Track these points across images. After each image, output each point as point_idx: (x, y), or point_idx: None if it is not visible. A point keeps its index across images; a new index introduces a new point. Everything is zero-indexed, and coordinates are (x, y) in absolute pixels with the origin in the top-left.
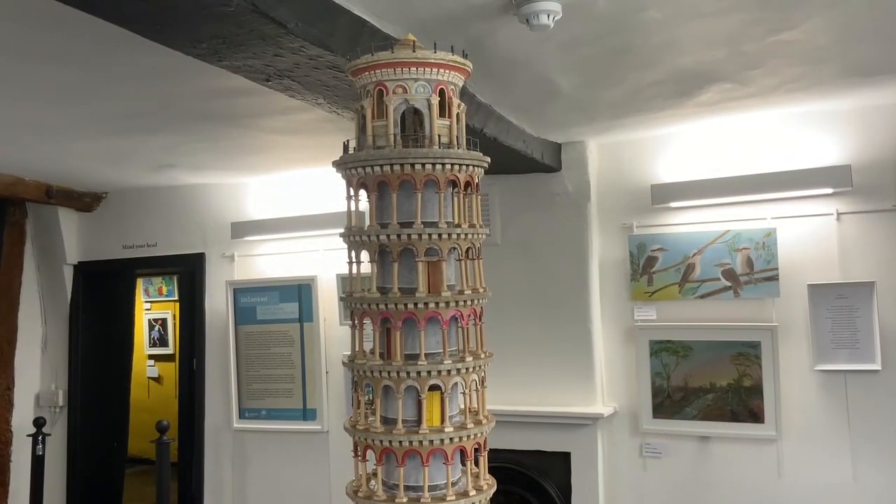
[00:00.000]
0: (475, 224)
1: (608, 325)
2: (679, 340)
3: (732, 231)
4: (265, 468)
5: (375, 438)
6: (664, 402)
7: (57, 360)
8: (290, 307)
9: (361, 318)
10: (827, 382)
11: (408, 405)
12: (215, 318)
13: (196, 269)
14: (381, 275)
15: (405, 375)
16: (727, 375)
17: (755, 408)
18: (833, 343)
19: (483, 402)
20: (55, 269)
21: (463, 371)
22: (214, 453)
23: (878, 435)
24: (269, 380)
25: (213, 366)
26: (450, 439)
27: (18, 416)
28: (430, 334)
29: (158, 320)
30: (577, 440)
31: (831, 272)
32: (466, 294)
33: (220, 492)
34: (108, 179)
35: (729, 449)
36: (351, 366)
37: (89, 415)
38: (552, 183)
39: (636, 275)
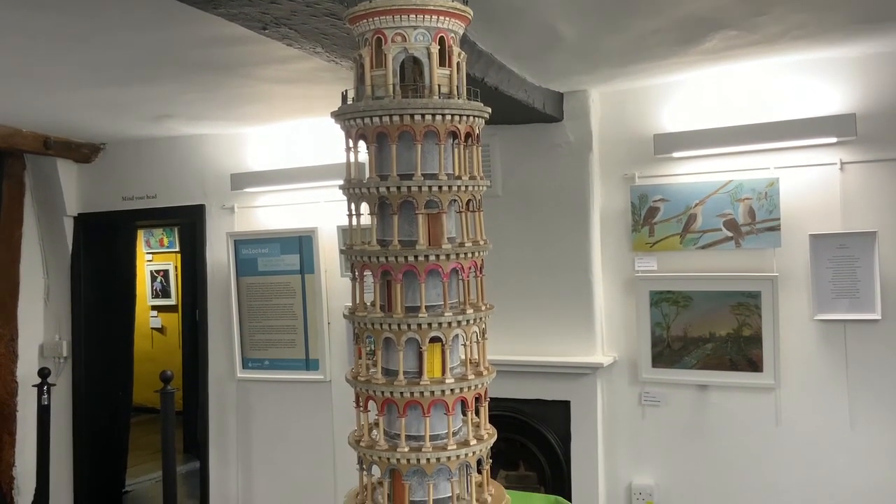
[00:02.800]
0: (476, 176)
1: (609, 276)
2: (679, 291)
3: (735, 181)
4: (269, 417)
5: (377, 390)
6: (663, 352)
7: (60, 312)
8: (291, 259)
9: (362, 271)
10: (826, 332)
11: (409, 357)
12: (216, 270)
13: (196, 220)
14: (381, 227)
15: (406, 328)
16: (727, 325)
17: (754, 357)
18: (833, 293)
19: (484, 354)
20: (55, 220)
21: (463, 323)
22: (218, 403)
23: (875, 384)
24: (272, 330)
25: (215, 317)
26: (450, 390)
27: (23, 367)
28: (431, 287)
29: (160, 272)
30: (576, 389)
31: (833, 222)
32: (467, 246)
33: (225, 440)
34: (106, 130)
35: (727, 397)
36: (352, 318)
37: (93, 365)
38: (554, 133)
39: (637, 226)
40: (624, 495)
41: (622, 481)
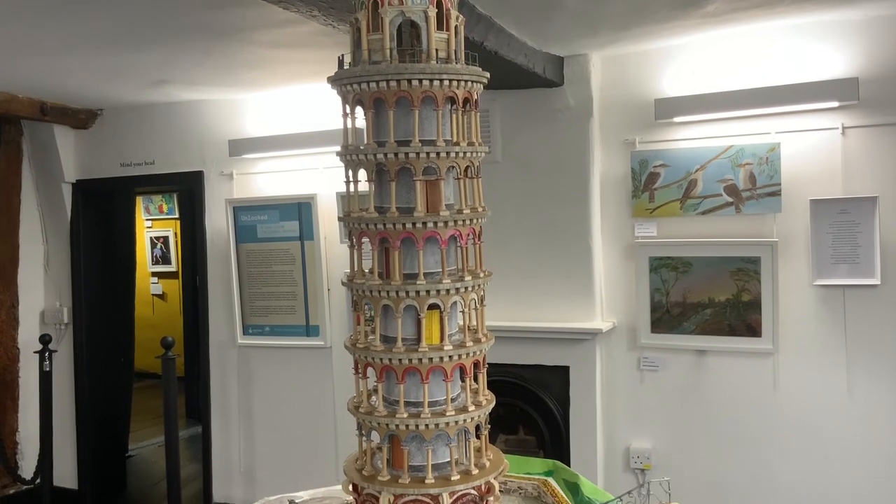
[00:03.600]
0: (474, 142)
1: (608, 242)
2: (679, 257)
3: (736, 146)
4: (270, 383)
5: (375, 356)
6: (662, 317)
7: (60, 278)
8: (291, 225)
9: (360, 238)
10: (825, 297)
11: (407, 324)
12: (216, 237)
13: (195, 187)
14: (378, 194)
15: (404, 295)
16: (726, 291)
17: (753, 322)
18: (833, 258)
19: (482, 321)
20: (53, 187)
21: (462, 290)
22: (220, 368)
23: (874, 349)
24: (272, 297)
25: (215, 283)
26: (449, 357)
27: (24, 334)
28: (429, 254)
29: (160, 238)
30: (575, 355)
31: (834, 187)
32: (465, 213)
33: (226, 406)
34: (103, 96)
35: (725, 362)
36: (350, 286)
37: (95, 331)
38: (554, 98)
39: (637, 191)
40: (622, 459)
41: (620, 445)
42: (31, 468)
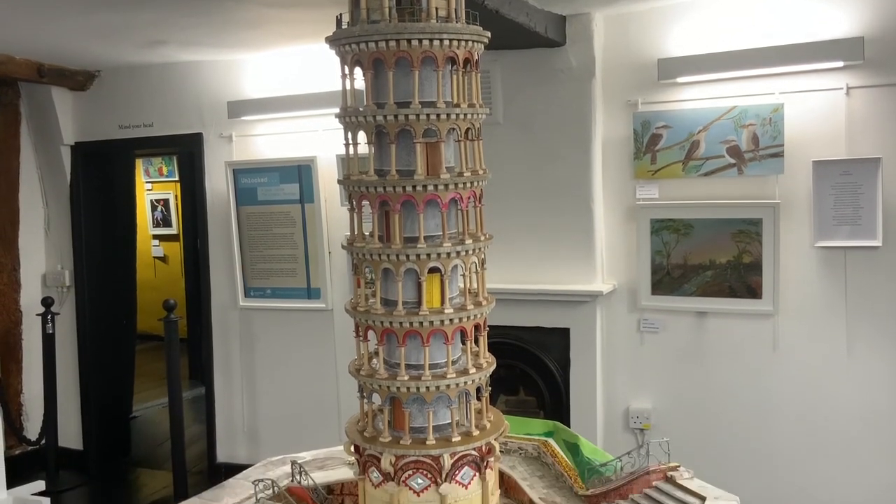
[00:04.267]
0: (475, 103)
1: (609, 204)
2: (680, 219)
3: (739, 107)
4: (272, 345)
5: (376, 320)
6: (663, 280)
7: (61, 241)
8: (291, 188)
9: (359, 201)
10: (826, 259)
11: (407, 287)
12: (216, 199)
13: (194, 149)
14: (378, 157)
15: (404, 258)
16: (727, 253)
17: (753, 284)
18: (835, 220)
19: (482, 284)
20: (52, 150)
21: (462, 254)
22: (222, 331)
23: (874, 310)
24: (273, 259)
25: (216, 246)
26: (449, 320)
27: (26, 297)
28: (429, 217)
29: (161, 201)
30: (576, 317)
31: (837, 148)
32: (466, 176)
33: (229, 367)
34: (100, 57)
35: (725, 324)
36: (350, 249)
37: (97, 294)
38: (556, 58)
39: (639, 153)
40: (621, 419)
41: (620, 405)
42: (36, 429)
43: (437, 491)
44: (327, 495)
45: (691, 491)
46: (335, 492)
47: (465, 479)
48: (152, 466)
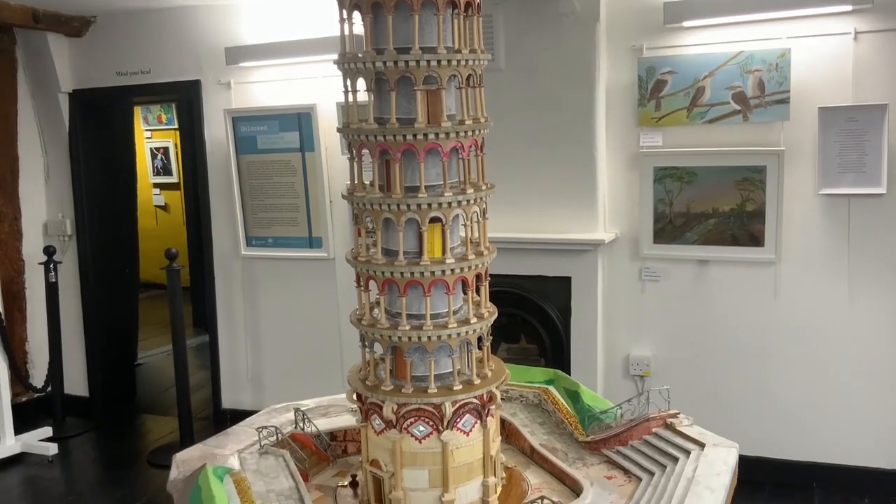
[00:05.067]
0: (476, 49)
1: (613, 152)
2: (684, 167)
3: (745, 52)
4: (275, 294)
5: (377, 270)
6: (665, 228)
7: (62, 190)
8: (291, 136)
9: (359, 150)
10: (830, 206)
11: (408, 237)
12: (216, 148)
13: (192, 96)
14: (378, 104)
15: (405, 208)
16: (730, 201)
17: (756, 232)
18: (840, 167)
19: (484, 233)
20: (50, 97)
21: (464, 203)
22: (224, 279)
23: (876, 258)
24: (274, 209)
25: (217, 195)
26: (451, 270)
27: (28, 245)
28: (430, 166)
29: (160, 149)
30: (577, 265)
31: (844, 94)
32: (467, 124)
33: (232, 316)
34: (96, 1)
35: (727, 272)
36: (350, 199)
37: (99, 242)
38: (560, 2)
39: (643, 100)
40: (621, 366)
41: (620, 353)
42: (42, 377)
43: (438, 438)
44: (330, 442)
45: (691, 437)
46: (338, 438)
47: (466, 426)
48: (158, 412)
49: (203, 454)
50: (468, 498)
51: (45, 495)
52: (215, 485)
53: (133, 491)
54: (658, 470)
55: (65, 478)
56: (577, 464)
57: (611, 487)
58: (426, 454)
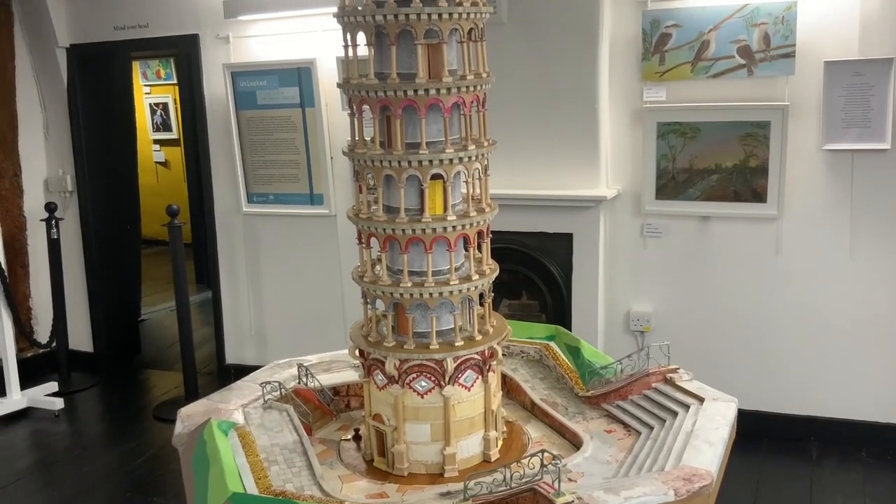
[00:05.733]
0: (478, 1)
1: (616, 108)
2: (688, 122)
3: (751, 5)
4: (276, 250)
5: (379, 227)
6: (668, 184)
7: (61, 146)
8: (291, 92)
9: (360, 106)
10: (833, 162)
11: (410, 194)
12: (215, 103)
13: (191, 51)
14: (378, 59)
15: (406, 165)
16: (734, 156)
17: (758, 188)
18: (844, 122)
19: (485, 190)
20: (48, 52)
21: (465, 160)
22: (226, 236)
23: (879, 213)
24: (275, 165)
25: (217, 151)
26: (452, 227)
27: (29, 202)
28: (432, 122)
29: (159, 104)
30: (579, 222)
31: (850, 48)
32: (469, 79)
33: (235, 272)
34: None
35: (728, 228)
36: (351, 155)
37: (100, 199)
38: None
39: (647, 54)
40: (622, 322)
41: (621, 309)
42: (47, 333)
43: (440, 393)
44: (333, 397)
45: (690, 392)
46: (341, 393)
47: (467, 381)
48: (163, 368)
49: (207, 409)
50: (469, 451)
51: (52, 449)
52: (220, 439)
53: (139, 444)
54: (657, 424)
55: (71, 432)
56: (577, 418)
57: (610, 441)
58: (428, 409)
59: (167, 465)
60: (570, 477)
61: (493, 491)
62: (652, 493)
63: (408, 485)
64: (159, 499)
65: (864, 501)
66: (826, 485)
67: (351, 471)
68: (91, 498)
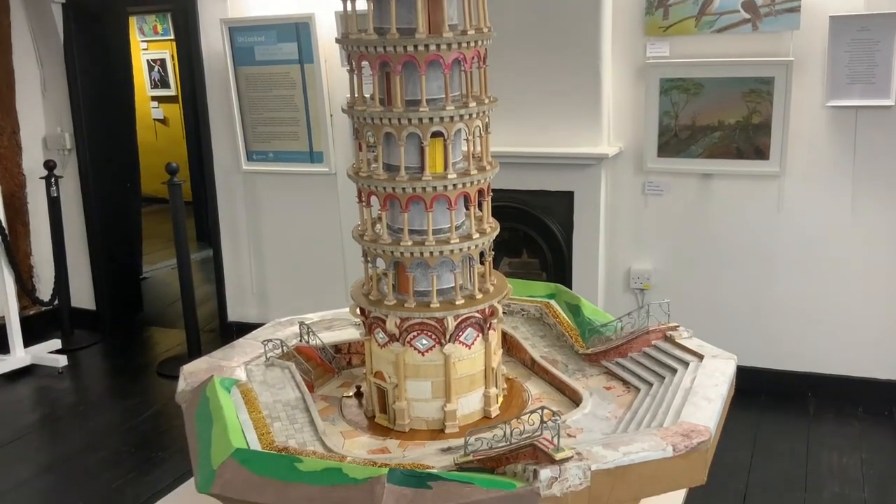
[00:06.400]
0: None
1: (618, 63)
2: (691, 78)
3: None
4: (277, 208)
5: (379, 185)
6: (670, 141)
7: (59, 103)
8: (289, 47)
9: (359, 62)
10: (837, 118)
11: (410, 152)
12: (213, 59)
13: (187, 5)
14: (377, 14)
15: (406, 122)
16: (737, 113)
17: (761, 145)
18: (848, 78)
19: (486, 148)
20: (43, 7)
21: (466, 117)
22: (226, 194)
23: (881, 171)
24: (274, 122)
25: (216, 108)
26: (453, 185)
27: (28, 160)
28: (432, 79)
29: (157, 61)
30: (580, 180)
31: (856, 3)
32: (469, 34)
33: (236, 230)
34: None
35: (731, 185)
36: (350, 112)
37: (99, 157)
38: None
39: (651, 8)
40: (622, 280)
41: (621, 267)
42: (48, 290)
43: (441, 351)
44: (335, 354)
45: (689, 349)
46: (342, 351)
47: (468, 339)
48: (165, 325)
49: (210, 366)
50: (470, 408)
51: (57, 405)
52: (223, 395)
53: (143, 400)
54: (656, 381)
55: (75, 388)
56: (576, 375)
57: (609, 398)
58: (429, 366)
59: (171, 421)
60: (570, 433)
61: (494, 446)
62: (650, 449)
63: (409, 440)
64: (164, 453)
65: (861, 456)
66: (823, 439)
67: (353, 427)
68: (96, 453)
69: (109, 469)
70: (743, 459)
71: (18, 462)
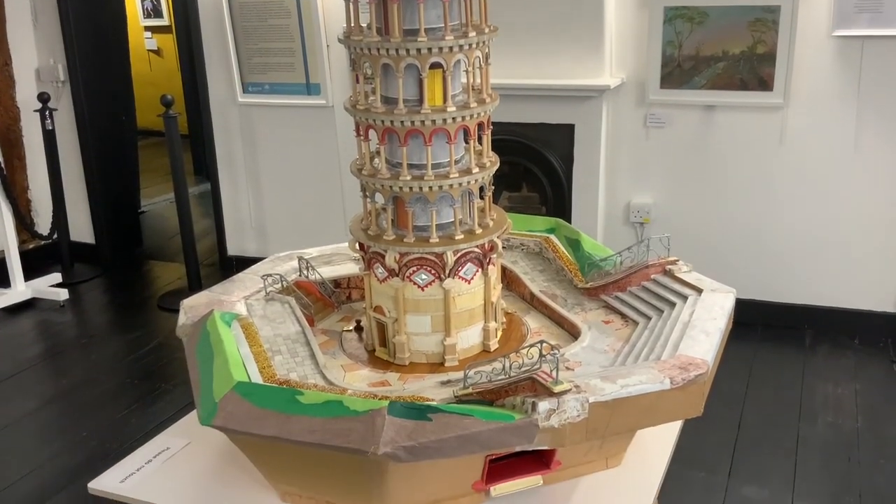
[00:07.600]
0: None
1: None
2: (696, 6)
3: None
4: (274, 142)
5: (377, 119)
6: (673, 72)
7: (51, 34)
8: None
9: None
10: (843, 48)
11: (408, 84)
12: None
13: None
14: None
15: (405, 53)
16: (741, 43)
17: (765, 76)
18: (856, 7)
19: (486, 80)
20: None
21: (466, 48)
22: (223, 127)
23: (886, 104)
24: (269, 53)
25: (210, 39)
26: (452, 119)
27: (22, 93)
28: (430, 7)
29: None
30: (581, 112)
31: None
32: None
33: (233, 164)
34: None
35: (733, 117)
36: (347, 43)
37: (93, 89)
38: None
39: None
40: (622, 214)
41: (621, 201)
42: (47, 224)
43: (440, 286)
44: (334, 289)
45: (689, 283)
46: (342, 286)
47: (467, 274)
48: (165, 259)
49: (210, 300)
50: (469, 341)
51: (60, 338)
52: (223, 329)
53: (145, 333)
54: (655, 314)
55: (77, 321)
56: (575, 309)
57: (608, 331)
58: (428, 301)
59: (173, 354)
60: (568, 366)
61: (493, 379)
62: (648, 382)
63: (409, 374)
64: (167, 385)
65: (855, 387)
66: (818, 370)
67: (353, 360)
68: (100, 385)
69: (113, 401)
70: (738, 390)
71: (22, 395)
